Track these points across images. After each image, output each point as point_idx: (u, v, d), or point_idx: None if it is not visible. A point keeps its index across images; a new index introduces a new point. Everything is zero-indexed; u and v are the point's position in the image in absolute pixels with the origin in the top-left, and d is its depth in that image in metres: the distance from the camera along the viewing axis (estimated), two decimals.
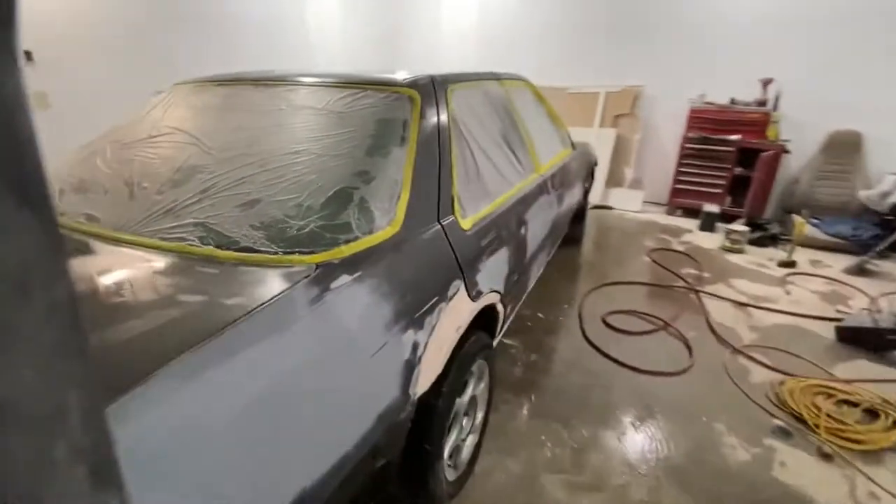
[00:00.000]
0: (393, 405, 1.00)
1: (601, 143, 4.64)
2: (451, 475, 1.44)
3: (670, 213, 4.59)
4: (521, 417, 1.85)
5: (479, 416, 1.64)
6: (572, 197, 2.86)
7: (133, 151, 1.33)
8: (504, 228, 1.60)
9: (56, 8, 3.09)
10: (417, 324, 1.07)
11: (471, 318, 1.34)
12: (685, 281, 3.08)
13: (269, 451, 0.72)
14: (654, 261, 3.41)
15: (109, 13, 3.39)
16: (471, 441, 1.59)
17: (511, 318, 1.96)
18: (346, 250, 0.97)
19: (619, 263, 3.37)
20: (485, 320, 1.63)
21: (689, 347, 2.34)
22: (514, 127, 2.01)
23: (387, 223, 1.08)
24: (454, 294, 1.23)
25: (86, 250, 0.98)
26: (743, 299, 2.83)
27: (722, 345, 2.38)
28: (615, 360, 2.22)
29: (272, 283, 0.85)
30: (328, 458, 0.83)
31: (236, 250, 0.94)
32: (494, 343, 1.81)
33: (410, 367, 1.05)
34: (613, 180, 4.77)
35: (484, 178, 1.57)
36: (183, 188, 1.12)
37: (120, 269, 0.93)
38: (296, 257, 0.93)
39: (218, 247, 0.95)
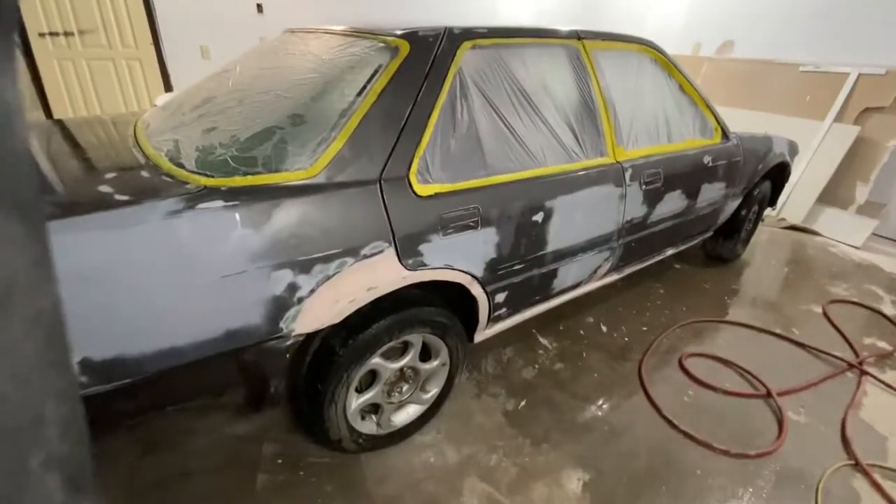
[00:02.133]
0: (253, 329, 1.09)
1: (829, 143, 3.39)
2: (367, 429, 1.47)
3: None
4: (493, 416, 1.71)
5: (432, 392, 1.60)
6: (705, 200, 2.25)
7: (208, 80, 1.68)
8: (497, 209, 1.43)
9: None
10: (300, 267, 1.11)
11: (399, 285, 1.29)
12: (855, 353, 2.14)
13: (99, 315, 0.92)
14: (827, 315, 2.44)
15: None
16: (413, 410, 1.58)
17: (523, 314, 1.76)
18: (238, 181, 1.07)
19: (766, 304, 2.54)
20: (460, 303, 1.54)
21: (780, 427, 1.68)
22: (584, 98, 1.69)
23: (301, 167, 1.13)
24: (373, 254, 1.21)
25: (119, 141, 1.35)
26: None
27: (844, 450, 1.63)
28: (653, 403, 1.78)
29: (160, 194, 1.02)
30: (155, 338, 0.99)
31: (175, 164, 1.15)
32: (485, 332, 1.69)
33: (282, 302, 1.11)
34: (834, 198, 3.46)
35: (484, 149, 1.41)
36: (194, 112, 1.38)
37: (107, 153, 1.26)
38: (197, 177, 1.07)
39: (169, 159, 1.18)
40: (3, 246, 0.25)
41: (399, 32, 1.34)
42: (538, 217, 1.54)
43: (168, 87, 3.77)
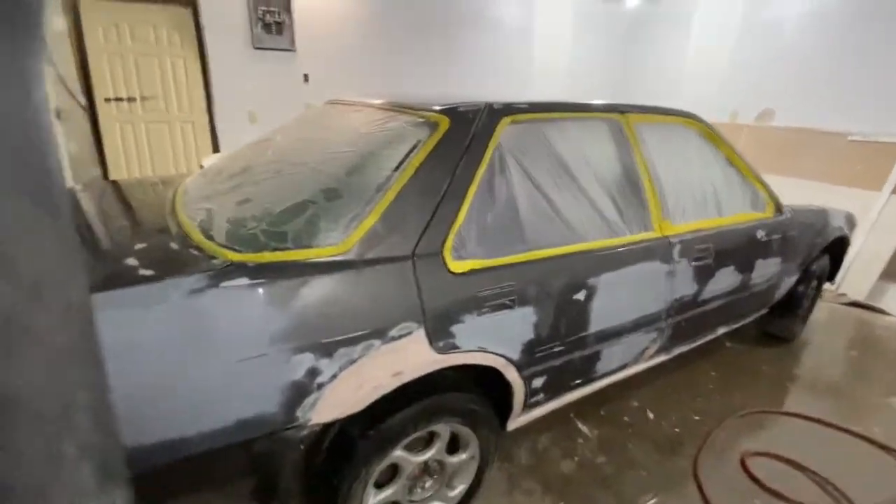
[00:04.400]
0: (267, 417, 1.00)
1: (888, 214, 3.17)
2: None
3: None
4: None
5: (458, 488, 1.43)
6: (759, 276, 2.09)
7: (247, 149, 1.71)
8: (536, 286, 1.33)
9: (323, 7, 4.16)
10: (323, 350, 1.03)
11: (428, 370, 1.19)
12: None
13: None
14: None
15: (370, 16, 4.33)
16: None
17: (561, 400, 1.60)
18: (267, 257, 1.02)
19: (835, 394, 2.26)
20: (492, 387, 1.41)
21: None
22: (627, 171, 1.62)
23: (332, 243, 1.08)
24: (401, 336, 1.12)
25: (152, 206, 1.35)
26: None
27: None
28: None
29: (186, 269, 0.98)
30: (162, 428, 0.91)
31: (205, 235, 1.12)
32: (520, 420, 1.53)
33: (300, 389, 1.02)
34: None
35: (523, 224, 1.34)
36: (231, 181, 1.39)
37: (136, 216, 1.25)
38: (225, 252, 1.04)
39: (201, 230, 1.16)
40: (34, 238, 0.25)
41: (439, 108, 1.33)
42: (580, 295, 1.43)
43: (216, 149, 3.99)
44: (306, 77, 4.14)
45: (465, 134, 1.29)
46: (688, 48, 4.77)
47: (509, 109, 1.40)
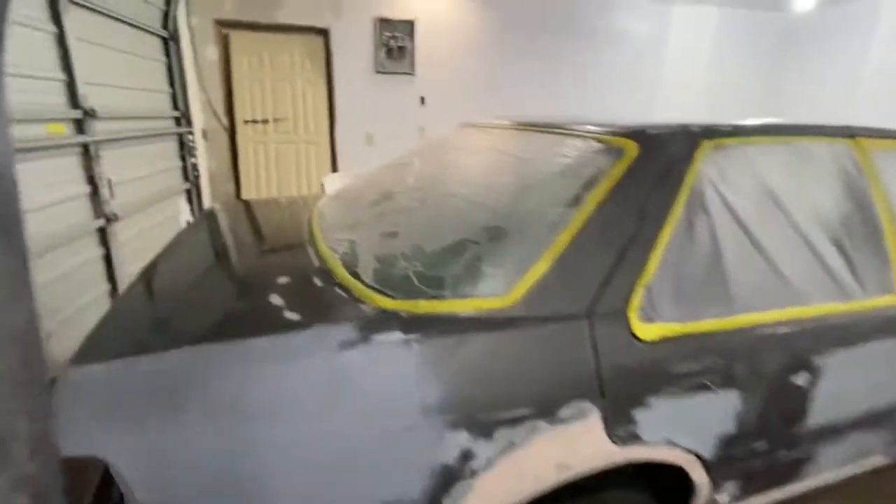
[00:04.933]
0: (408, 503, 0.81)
1: None
2: None
3: None
4: None
5: None
6: None
7: (384, 173, 1.61)
8: (745, 363, 1.01)
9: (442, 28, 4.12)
10: (481, 429, 0.82)
11: (600, 464, 0.92)
12: None
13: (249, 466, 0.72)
14: None
15: (490, 37, 4.23)
16: None
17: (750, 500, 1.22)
18: (422, 306, 0.85)
19: None
20: (666, 482, 1.10)
21: None
22: (862, 214, 1.22)
23: (496, 293, 0.88)
24: (572, 419, 0.87)
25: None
26: None
27: None
28: None
29: (332, 314, 0.84)
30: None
31: (350, 272, 0.99)
32: None
33: (451, 473, 0.81)
34: None
35: (728, 279, 1.03)
36: (372, 210, 1.26)
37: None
38: (375, 296, 0.88)
39: (344, 265, 1.02)
40: None
41: (623, 131, 1.08)
42: (800, 379, 1.07)
43: (334, 169, 4.13)
44: (423, 99, 4.16)
45: (658, 162, 1.03)
46: (867, 60, 3.99)
47: (710, 132, 1.10)
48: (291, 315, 0.84)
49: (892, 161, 1.30)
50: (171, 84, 3.28)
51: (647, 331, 0.93)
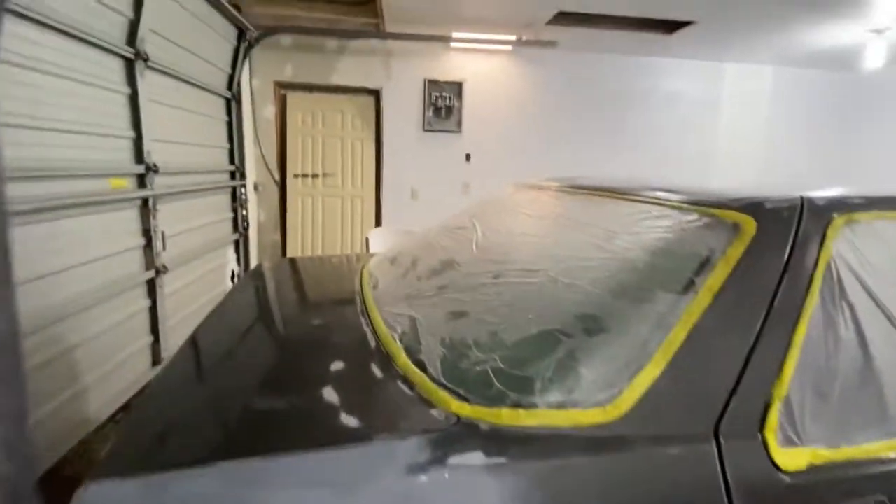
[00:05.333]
0: None
1: None
2: None
3: None
4: None
5: None
6: None
7: (441, 236, 1.50)
8: None
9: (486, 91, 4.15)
10: None
11: None
12: None
13: None
14: None
15: (535, 97, 4.23)
16: None
17: None
18: (507, 416, 0.69)
19: None
20: None
21: None
22: None
23: (599, 403, 0.71)
24: None
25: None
26: None
27: None
28: None
29: (398, 421, 0.70)
30: None
31: (413, 360, 0.84)
32: None
33: None
34: None
35: (884, 388, 0.82)
36: (431, 281, 1.14)
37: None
38: (447, 397, 0.73)
39: (405, 348, 0.89)
40: None
41: (735, 203, 0.92)
42: None
43: (378, 222, 4.13)
44: (468, 156, 4.16)
45: (783, 242, 0.85)
46: None
47: (840, 205, 0.93)
48: (348, 420, 0.70)
49: None
50: (230, 140, 3.42)
51: (791, 457, 0.73)
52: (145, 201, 2.21)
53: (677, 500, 0.69)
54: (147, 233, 2.23)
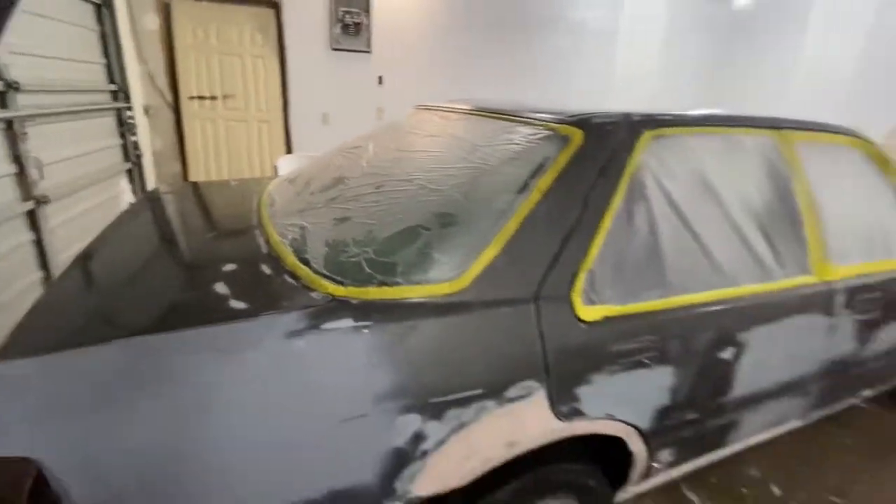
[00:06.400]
0: (361, 490, 0.83)
1: None
2: None
3: None
4: None
5: None
6: None
7: (337, 157, 1.57)
8: (679, 341, 1.08)
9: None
10: (432, 411, 0.84)
11: (546, 440, 0.97)
12: None
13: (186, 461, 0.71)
14: None
15: (446, 19, 4.19)
16: None
17: (681, 469, 1.33)
18: (373, 293, 0.86)
19: None
20: (609, 453, 1.18)
21: None
22: (784, 201, 1.32)
23: (447, 279, 0.89)
24: (519, 398, 0.92)
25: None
26: None
27: None
28: None
29: (280, 302, 0.83)
30: (240, 497, 0.76)
31: (300, 258, 0.97)
32: (630, 490, 1.29)
33: (402, 456, 0.84)
34: None
35: (665, 263, 1.10)
36: (324, 194, 1.24)
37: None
38: (325, 283, 0.88)
39: (294, 251, 1.01)
40: None
41: (570, 119, 1.11)
42: (727, 353, 1.16)
43: (289, 150, 3.99)
44: (380, 79, 4.06)
45: (603, 151, 1.07)
46: (802, 53, 4.24)
47: (652, 122, 1.15)
48: (238, 304, 0.82)
49: (812, 152, 1.41)
50: (106, 54, 3.03)
51: (590, 312, 0.99)
52: (10, 124, 1.99)
53: (506, 346, 0.92)
54: (18, 159, 2.03)
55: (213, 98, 3.71)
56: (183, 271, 1.02)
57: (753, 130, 1.32)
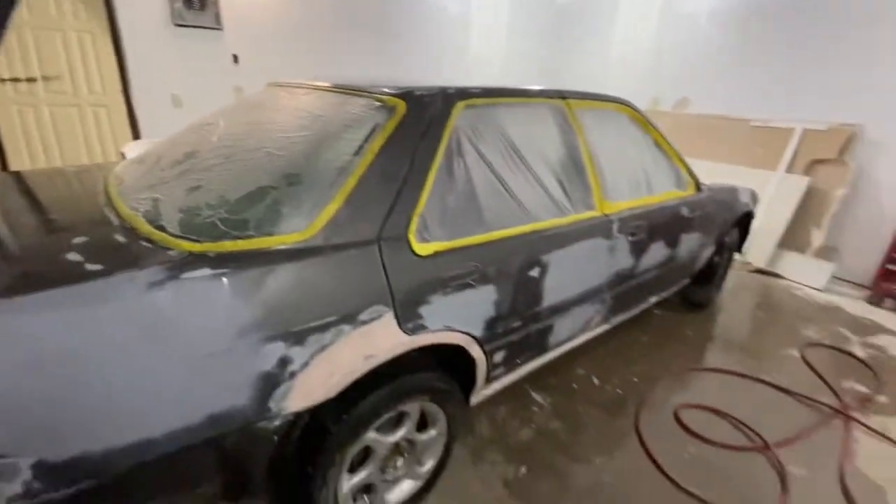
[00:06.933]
0: (238, 411, 0.98)
1: (783, 192, 3.62)
2: None
3: (872, 301, 3.29)
4: (493, 487, 1.59)
5: (428, 464, 1.48)
6: (684, 249, 2.31)
7: (187, 134, 1.60)
8: (495, 265, 1.39)
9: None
10: (294, 338, 1.01)
11: (399, 351, 1.21)
12: (838, 398, 2.18)
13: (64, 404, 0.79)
14: (806, 359, 2.50)
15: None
16: (408, 487, 1.45)
17: (519, 371, 1.70)
18: (228, 246, 0.99)
19: (747, 350, 2.58)
20: (458, 363, 1.47)
21: (783, 483, 1.65)
22: (571, 154, 1.72)
23: (296, 229, 1.06)
24: (371, 320, 1.13)
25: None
26: None
27: None
28: (655, 462, 1.71)
29: (138, 262, 0.92)
30: (127, 430, 0.86)
31: (155, 226, 1.05)
32: (482, 393, 1.60)
33: (272, 379, 1.00)
34: (793, 243, 3.66)
35: (481, 206, 1.39)
36: (175, 168, 1.30)
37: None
38: (181, 242, 0.98)
39: (148, 220, 1.08)
40: None
41: (395, 92, 1.33)
42: (535, 272, 1.52)
43: (136, 136, 3.65)
44: (236, 58, 3.88)
45: (423, 118, 1.31)
46: (613, 38, 5.06)
47: (463, 94, 1.43)
48: (94, 266, 0.89)
49: (588, 116, 1.84)
50: None
51: (423, 248, 1.24)
52: None
53: (355, 279, 1.12)
54: None
55: (32, 80, 3.23)
56: (28, 248, 1.03)
57: (545, 100, 1.69)
